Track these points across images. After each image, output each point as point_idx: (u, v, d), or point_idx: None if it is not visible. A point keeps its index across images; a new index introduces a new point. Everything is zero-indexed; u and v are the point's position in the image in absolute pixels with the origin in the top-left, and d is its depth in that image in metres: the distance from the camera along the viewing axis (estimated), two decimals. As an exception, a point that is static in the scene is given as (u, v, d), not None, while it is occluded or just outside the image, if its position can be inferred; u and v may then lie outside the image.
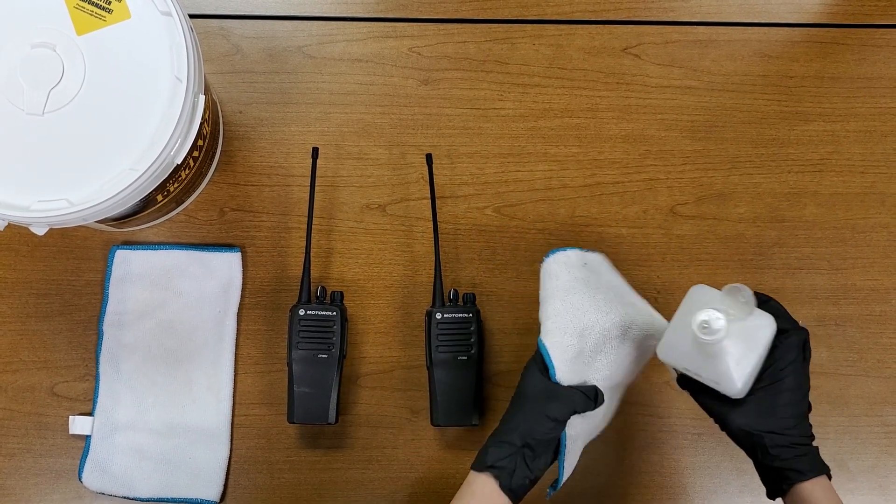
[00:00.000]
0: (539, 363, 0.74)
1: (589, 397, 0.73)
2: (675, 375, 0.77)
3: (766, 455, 0.69)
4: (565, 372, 0.73)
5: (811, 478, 0.68)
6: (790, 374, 0.69)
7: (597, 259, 0.82)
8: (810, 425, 0.71)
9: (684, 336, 0.70)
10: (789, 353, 0.70)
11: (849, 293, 0.95)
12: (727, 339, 0.68)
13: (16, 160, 0.74)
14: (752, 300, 0.68)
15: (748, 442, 0.71)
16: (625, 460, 0.92)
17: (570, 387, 0.73)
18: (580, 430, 0.75)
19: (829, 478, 0.70)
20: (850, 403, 0.94)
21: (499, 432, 0.73)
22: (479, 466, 0.72)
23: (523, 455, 0.71)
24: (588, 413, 0.73)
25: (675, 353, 0.72)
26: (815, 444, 0.71)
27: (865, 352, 0.95)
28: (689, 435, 0.92)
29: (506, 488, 0.70)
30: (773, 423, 0.69)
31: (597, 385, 0.74)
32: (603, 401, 0.74)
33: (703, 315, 0.68)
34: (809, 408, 0.72)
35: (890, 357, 0.95)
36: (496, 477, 0.71)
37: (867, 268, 0.96)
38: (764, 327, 0.70)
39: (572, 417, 0.72)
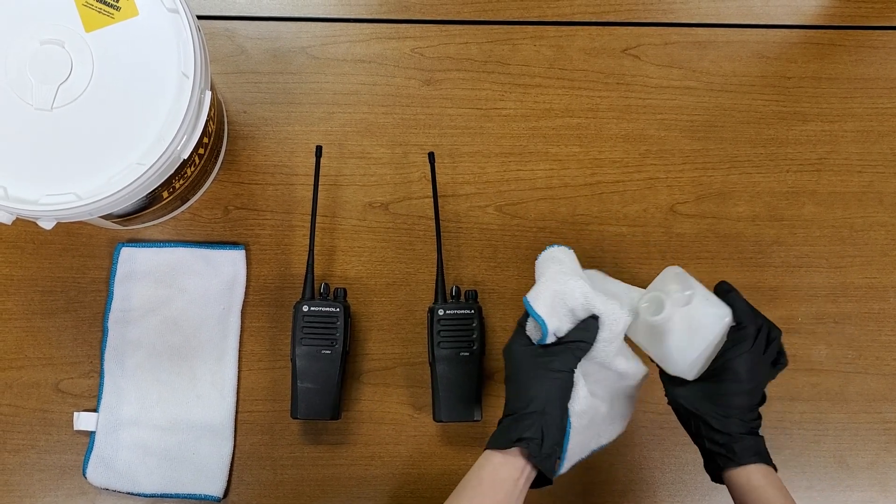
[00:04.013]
0: (522, 336, 0.75)
1: (586, 329, 0.73)
2: None
3: (700, 437, 0.72)
4: (555, 322, 0.74)
5: (745, 464, 0.69)
6: (737, 365, 0.71)
7: (591, 272, 0.81)
8: (758, 416, 0.72)
9: (650, 318, 0.74)
10: (741, 345, 0.71)
11: (847, 291, 0.96)
12: (670, 322, 0.72)
13: (24, 155, 0.75)
14: (694, 289, 0.72)
15: (686, 419, 0.74)
16: (626, 456, 0.92)
17: (560, 338, 0.73)
18: (586, 406, 0.74)
19: (775, 469, 0.71)
20: (849, 400, 0.94)
21: (513, 410, 0.72)
22: (505, 443, 0.70)
23: (546, 421, 0.70)
24: (594, 376, 0.74)
25: (634, 330, 0.76)
26: (766, 435, 0.73)
27: (864, 349, 0.95)
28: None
29: (539, 457, 0.69)
30: (709, 408, 0.71)
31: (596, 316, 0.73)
32: (596, 328, 0.73)
33: (648, 296, 0.73)
34: (762, 400, 0.73)
35: (888, 354, 0.95)
36: (527, 448, 0.69)
37: (865, 266, 0.97)
38: (715, 316, 0.73)
39: (577, 377, 0.72)
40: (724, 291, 0.74)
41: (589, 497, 0.91)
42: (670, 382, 0.76)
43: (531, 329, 0.75)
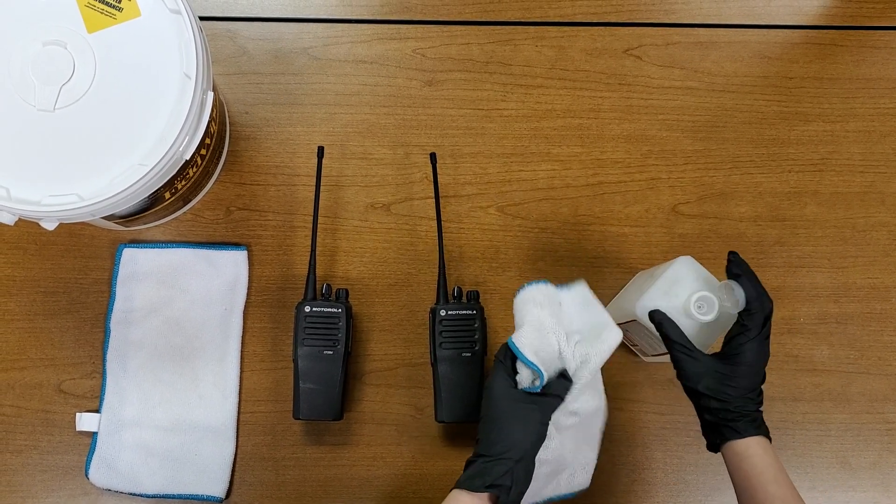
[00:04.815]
0: (506, 372, 0.75)
1: (564, 377, 0.74)
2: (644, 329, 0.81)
3: (709, 412, 0.75)
4: (539, 363, 0.74)
5: (745, 437, 0.73)
6: (748, 351, 0.74)
7: (575, 291, 0.80)
8: (761, 392, 0.75)
9: (670, 304, 0.78)
10: (751, 330, 0.74)
11: (849, 291, 0.96)
12: (716, 319, 0.77)
13: (27, 156, 0.75)
14: (742, 303, 0.75)
15: (695, 397, 0.76)
16: (628, 457, 0.92)
17: (544, 388, 0.74)
18: (552, 456, 0.77)
19: (770, 441, 0.75)
20: (852, 401, 0.94)
21: (489, 449, 0.73)
22: (478, 486, 0.71)
23: (519, 469, 0.72)
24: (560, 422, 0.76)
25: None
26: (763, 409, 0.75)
27: (866, 349, 0.95)
28: (691, 432, 0.93)
29: None
30: (718, 389, 0.74)
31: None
32: (567, 386, 0.74)
33: (699, 295, 0.77)
34: (763, 378, 0.76)
35: (891, 354, 0.95)
36: (497, 494, 0.71)
37: (867, 266, 0.97)
38: (733, 317, 0.78)
39: (550, 425, 0.75)
40: (734, 275, 0.76)
41: (591, 498, 0.91)
42: (684, 361, 0.77)
43: (525, 375, 0.75)
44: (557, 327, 0.75)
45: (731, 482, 0.92)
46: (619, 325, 0.88)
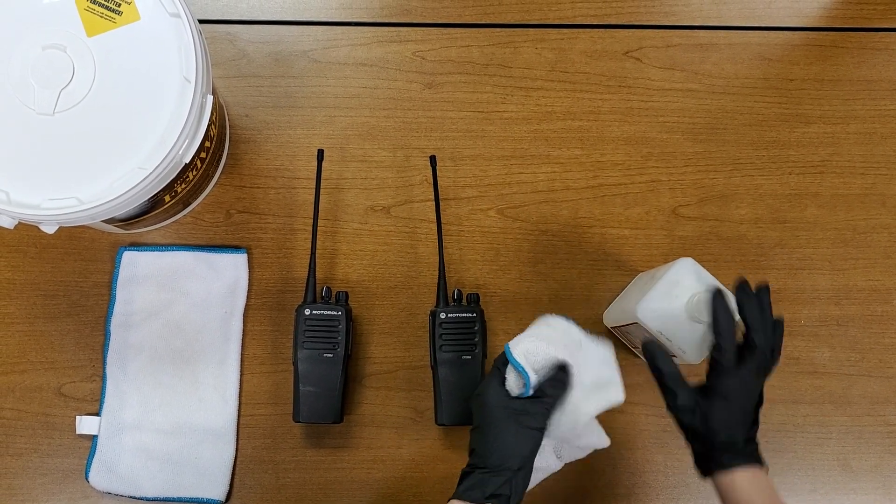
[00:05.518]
0: (500, 379, 0.74)
1: (557, 379, 0.73)
2: (636, 341, 0.81)
3: (696, 443, 0.73)
4: (528, 366, 0.74)
5: (732, 469, 0.71)
6: (721, 387, 0.71)
7: (594, 347, 0.79)
8: (753, 423, 0.73)
9: (670, 305, 0.79)
10: (720, 366, 0.72)
11: (850, 293, 0.96)
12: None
13: (26, 159, 0.75)
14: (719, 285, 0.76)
15: (682, 427, 0.75)
16: (629, 459, 0.92)
17: (535, 392, 0.73)
18: (545, 464, 0.78)
19: (764, 466, 0.72)
20: (853, 403, 0.94)
21: (486, 460, 0.72)
22: (478, 497, 0.71)
23: (517, 479, 0.72)
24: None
25: (655, 317, 0.80)
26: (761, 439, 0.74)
27: (867, 352, 0.95)
28: (692, 434, 0.93)
29: None
30: (705, 425, 0.72)
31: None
32: (567, 372, 0.73)
33: (700, 297, 0.76)
34: (760, 401, 0.73)
35: (892, 357, 0.95)
36: None
37: (868, 268, 0.97)
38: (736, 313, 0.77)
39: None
40: (739, 304, 0.73)
41: (592, 500, 0.91)
42: (669, 396, 0.75)
43: (512, 379, 0.75)
44: (561, 348, 0.74)
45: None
46: (619, 327, 0.88)
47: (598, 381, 0.76)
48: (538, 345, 0.74)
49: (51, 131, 0.75)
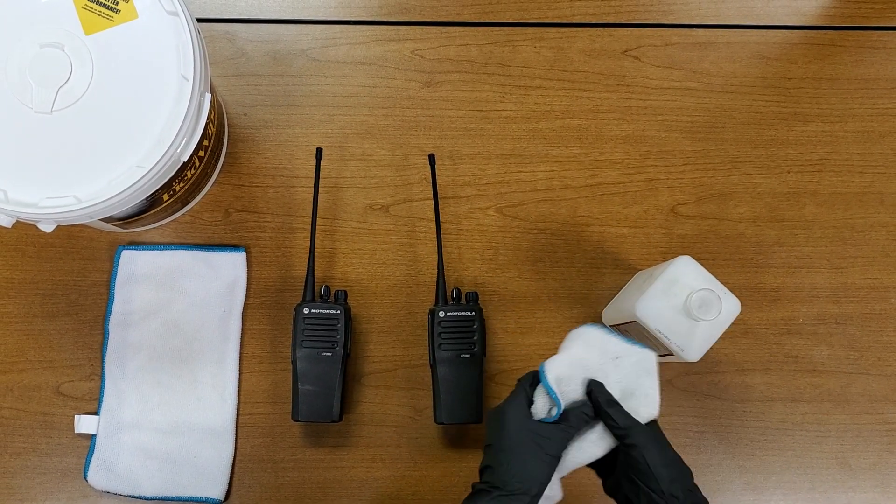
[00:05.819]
0: (526, 399, 0.73)
1: (586, 413, 0.72)
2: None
3: None
4: (559, 394, 0.73)
5: None
6: (659, 464, 0.71)
7: (637, 357, 0.76)
8: (689, 490, 0.73)
9: (670, 304, 0.79)
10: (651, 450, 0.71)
11: (849, 292, 0.96)
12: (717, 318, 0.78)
13: (24, 158, 0.75)
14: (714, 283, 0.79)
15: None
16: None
17: (559, 418, 0.72)
18: (551, 493, 0.74)
19: None
20: (851, 401, 0.94)
21: (505, 484, 0.70)
22: None
23: (536, 502, 0.70)
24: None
25: (654, 315, 0.80)
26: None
27: (866, 350, 0.95)
28: (690, 433, 0.93)
29: None
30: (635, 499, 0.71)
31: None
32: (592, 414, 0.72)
33: (699, 294, 0.78)
34: (681, 475, 0.73)
35: (890, 355, 0.95)
36: None
37: (867, 266, 0.97)
38: (734, 310, 0.80)
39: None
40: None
41: (589, 500, 0.91)
42: (604, 475, 0.76)
43: (541, 404, 0.73)
44: (596, 370, 0.73)
45: (731, 482, 0.92)
46: (618, 325, 0.88)
47: (630, 395, 0.74)
48: (573, 372, 0.73)
49: (49, 130, 0.75)
